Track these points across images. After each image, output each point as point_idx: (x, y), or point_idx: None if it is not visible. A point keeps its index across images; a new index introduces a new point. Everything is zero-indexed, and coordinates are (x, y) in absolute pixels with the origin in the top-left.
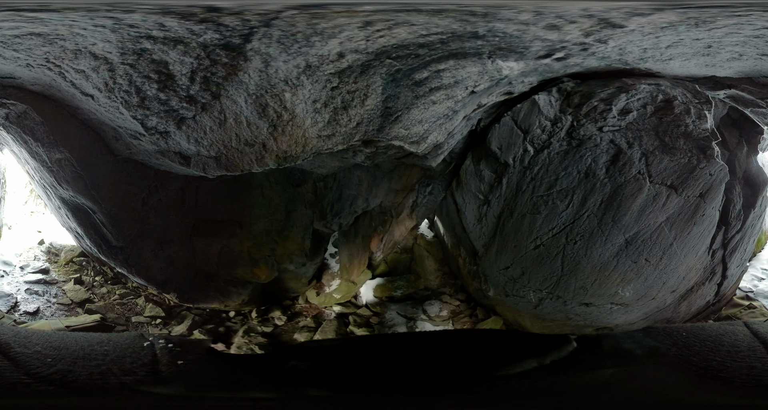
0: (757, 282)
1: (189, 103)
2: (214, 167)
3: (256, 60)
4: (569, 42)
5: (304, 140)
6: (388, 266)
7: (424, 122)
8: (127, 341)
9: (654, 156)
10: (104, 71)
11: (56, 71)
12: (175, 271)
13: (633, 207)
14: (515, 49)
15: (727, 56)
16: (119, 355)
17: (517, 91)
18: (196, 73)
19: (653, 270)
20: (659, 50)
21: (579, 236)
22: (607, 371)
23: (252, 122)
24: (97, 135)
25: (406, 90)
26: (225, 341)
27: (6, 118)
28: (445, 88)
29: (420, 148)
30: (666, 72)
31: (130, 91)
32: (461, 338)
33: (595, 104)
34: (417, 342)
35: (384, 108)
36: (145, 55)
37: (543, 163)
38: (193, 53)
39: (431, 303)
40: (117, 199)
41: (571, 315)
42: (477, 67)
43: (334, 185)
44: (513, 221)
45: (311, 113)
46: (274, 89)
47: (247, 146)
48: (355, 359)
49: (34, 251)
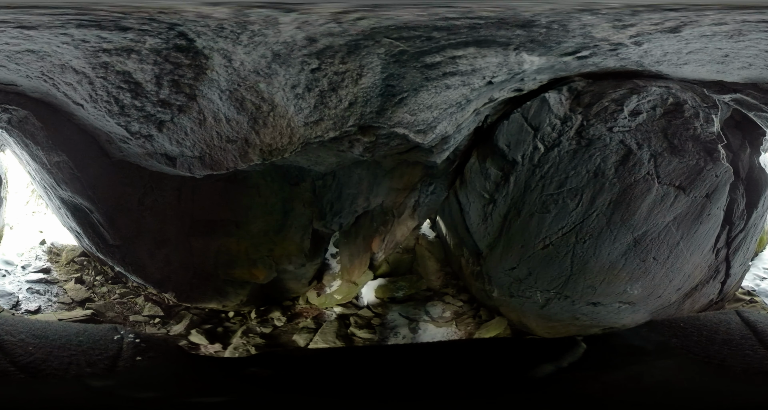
0: (759, 281)
1: (163, 107)
2: (199, 167)
3: (216, 57)
4: (607, 42)
5: (290, 130)
6: (390, 266)
7: (434, 109)
8: (100, 333)
9: (663, 157)
10: (86, 84)
11: (50, 83)
12: (172, 270)
13: (642, 207)
14: (547, 44)
15: (738, 65)
16: (90, 347)
17: (526, 89)
18: (161, 77)
19: (660, 268)
20: (679, 55)
21: (588, 235)
22: (625, 368)
23: (231, 118)
24: (93, 139)
25: (414, 71)
26: (223, 341)
27: (9, 122)
28: (461, 74)
29: (427, 138)
30: (676, 75)
31: (110, 100)
32: (455, 350)
33: (606, 104)
34: (395, 355)
35: (385, 86)
36: (109, 68)
37: (554, 161)
38: (148, 60)
39: (434, 304)
40: (113, 199)
41: (578, 315)
42: (498, 58)
43: (333, 184)
44: (520, 221)
45: (293, 99)
46: (246, 82)
47: (229, 143)
48: (324, 370)
49: (35, 250)
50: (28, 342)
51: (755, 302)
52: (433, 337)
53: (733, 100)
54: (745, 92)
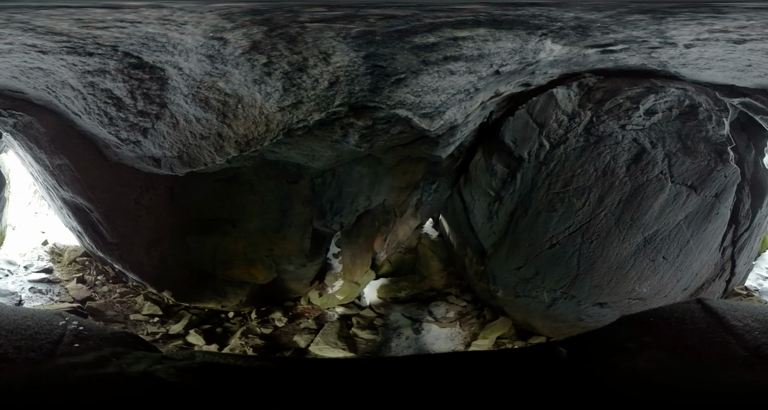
0: (762, 281)
1: (143, 116)
2: (179, 166)
3: (168, 68)
4: (658, 38)
5: (264, 117)
6: (392, 266)
7: (441, 92)
8: (47, 318)
9: (677, 157)
10: (80, 99)
11: (53, 96)
12: (167, 269)
13: (654, 206)
14: (585, 31)
15: (756, 74)
16: (37, 331)
17: (534, 84)
18: (134, 92)
19: (670, 268)
20: (709, 61)
21: (595, 235)
22: (601, 361)
23: (200, 117)
24: (92, 143)
25: (405, 53)
26: (221, 342)
27: (14, 126)
28: (466, 59)
29: (434, 124)
30: (693, 78)
31: (100, 113)
32: (415, 365)
33: (621, 102)
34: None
35: (371, 66)
36: (95, 86)
37: (559, 159)
38: (119, 78)
39: (437, 304)
40: (111, 199)
41: (584, 316)
42: (515, 43)
43: (333, 182)
44: (527, 219)
45: (256, 87)
46: (204, 83)
47: (203, 140)
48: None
49: (38, 251)
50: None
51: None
52: (436, 338)
53: (742, 103)
54: (753, 97)
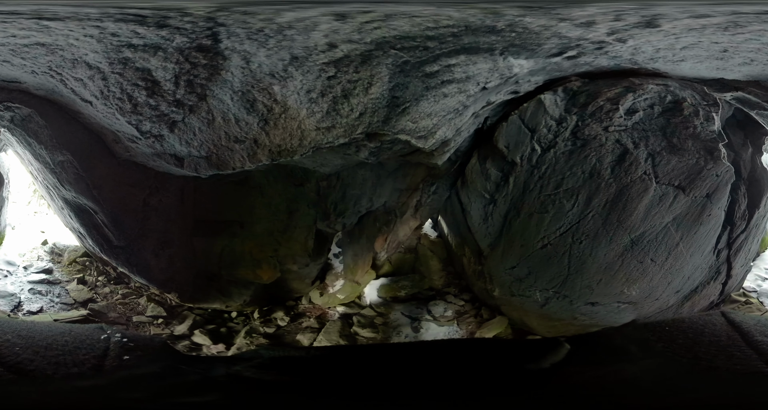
0: (761, 282)
1: (177, 106)
2: (205, 167)
3: (235, 58)
4: (587, 40)
5: (301, 132)
6: (393, 266)
7: (434, 116)
8: (86, 332)
9: (661, 157)
10: (98, 80)
11: (58, 79)
12: (176, 271)
13: (639, 207)
14: (528, 47)
15: (739, 61)
16: (77, 346)
17: (523, 91)
18: (180, 77)
19: (659, 270)
20: (673, 51)
21: (584, 235)
22: (609, 366)
23: (241, 119)
24: (99, 138)
25: (416, 80)
26: (226, 341)
27: (11, 120)
28: (457, 82)
29: (427, 143)
30: (674, 73)
31: (122, 98)
32: (442, 349)
33: (601, 104)
34: (387, 353)
35: (391, 98)
36: (129, 64)
37: (550, 162)
38: (172, 58)
39: (436, 304)
40: (118, 200)
41: (577, 315)
42: (488, 63)
43: (337, 185)
44: (520, 220)
45: (306, 103)
46: (260, 84)
47: (236, 143)
48: (321, 370)
49: (37, 251)
50: (15, 342)
51: (750, 303)
52: (435, 336)
53: (735, 98)
54: (746, 90)
